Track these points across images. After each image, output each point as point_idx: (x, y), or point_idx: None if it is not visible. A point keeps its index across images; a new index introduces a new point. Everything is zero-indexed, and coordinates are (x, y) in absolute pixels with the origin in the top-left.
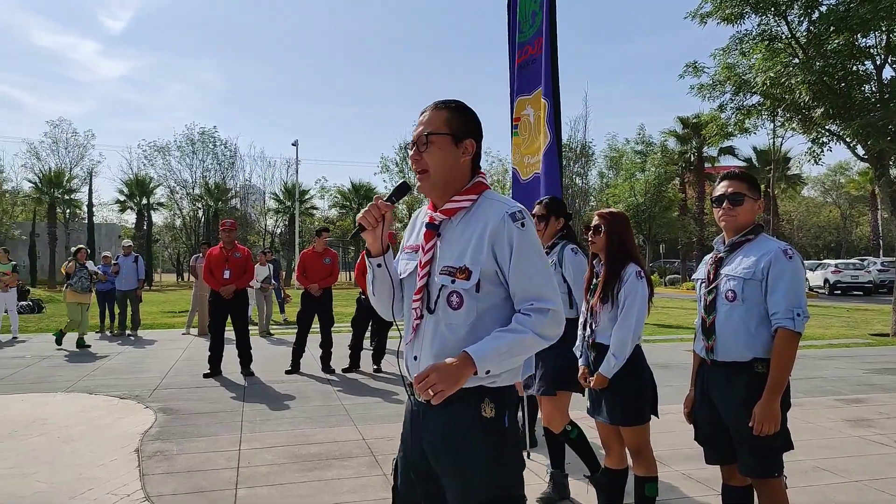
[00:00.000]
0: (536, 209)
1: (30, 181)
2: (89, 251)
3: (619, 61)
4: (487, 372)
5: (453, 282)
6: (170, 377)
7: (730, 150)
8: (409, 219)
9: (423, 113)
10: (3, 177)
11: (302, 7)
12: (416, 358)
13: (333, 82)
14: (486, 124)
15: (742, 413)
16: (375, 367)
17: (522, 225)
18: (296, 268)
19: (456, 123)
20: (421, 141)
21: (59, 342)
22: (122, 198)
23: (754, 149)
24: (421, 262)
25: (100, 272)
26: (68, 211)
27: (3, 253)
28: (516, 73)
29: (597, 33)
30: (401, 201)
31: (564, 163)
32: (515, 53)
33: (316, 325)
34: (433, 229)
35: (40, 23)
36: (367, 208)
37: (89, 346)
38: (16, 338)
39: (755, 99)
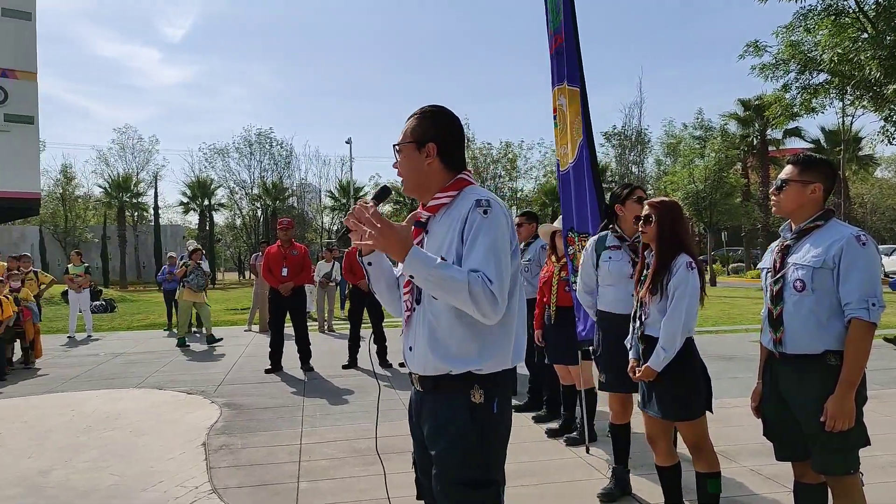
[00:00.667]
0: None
1: (100, 186)
2: (203, 251)
3: (674, 45)
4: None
5: None
6: (234, 373)
7: (796, 132)
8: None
9: None
10: (75, 183)
11: (353, 7)
12: (411, 348)
13: (384, 79)
14: (540, 116)
15: (815, 408)
16: None
17: (485, 212)
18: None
19: (418, 131)
20: (394, 151)
21: (181, 344)
22: (185, 200)
23: (822, 129)
24: None
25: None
26: (136, 214)
27: (77, 256)
28: (552, 62)
29: (650, 17)
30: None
31: (620, 151)
32: (550, 42)
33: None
34: (421, 226)
35: (104, 33)
36: (351, 210)
37: (188, 346)
38: (90, 336)
39: (822, 77)
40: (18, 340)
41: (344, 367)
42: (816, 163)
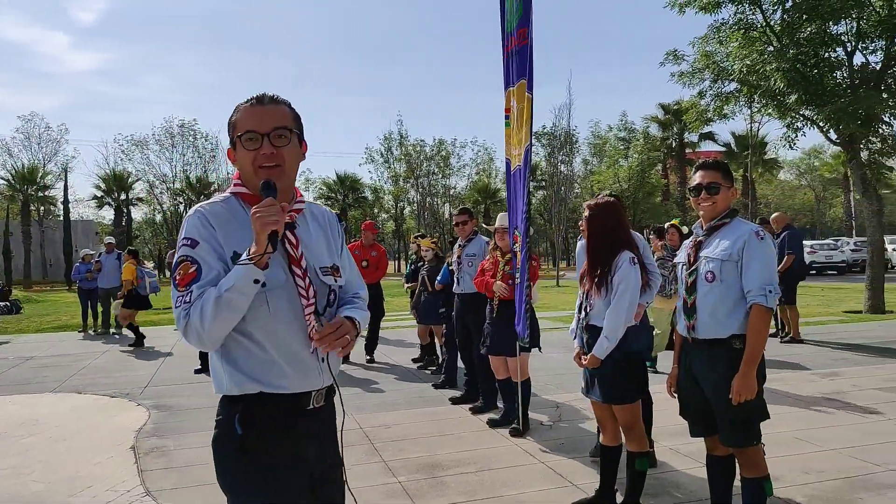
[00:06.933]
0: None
1: (2, 178)
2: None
3: (602, 47)
4: None
5: None
6: (160, 374)
7: (710, 136)
8: None
9: None
10: None
11: None
12: None
13: (313, 72)
14: (480, 113)
15: (722, 387)
16: (368, 357)
17: None
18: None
19: None
20: None
21: None
22: (99, 193)
23: (733, 134)
24: None
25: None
26: (42, 208)
27: None
28: (506, 62)
29: (579, 18)
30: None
31: (549, 150)
32: (505, 42)
33: None
34: None
35: (7, 15)
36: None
37: None
38: None
39: (733, 86)
40: None
41: None
42: (727, 167)
